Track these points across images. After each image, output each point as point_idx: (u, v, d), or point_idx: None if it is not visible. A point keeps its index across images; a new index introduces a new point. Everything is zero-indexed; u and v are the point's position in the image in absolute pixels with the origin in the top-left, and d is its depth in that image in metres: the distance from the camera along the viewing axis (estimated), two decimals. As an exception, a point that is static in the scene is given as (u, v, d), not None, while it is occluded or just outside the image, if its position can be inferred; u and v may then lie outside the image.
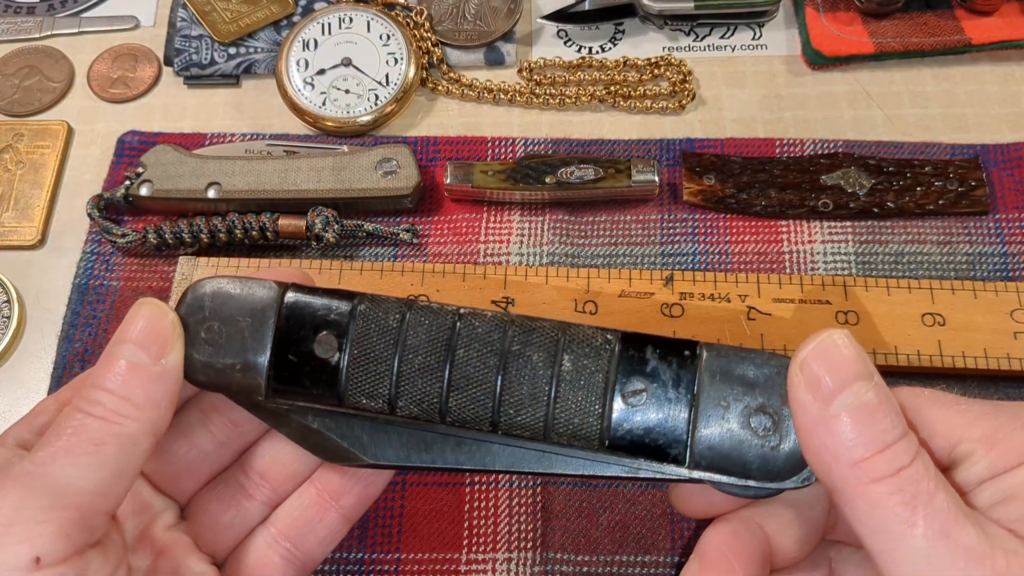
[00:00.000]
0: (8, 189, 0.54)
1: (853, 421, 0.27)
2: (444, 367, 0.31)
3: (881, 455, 0.26)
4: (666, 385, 0.30)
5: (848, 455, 0.26)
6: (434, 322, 0.31)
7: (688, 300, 0.47)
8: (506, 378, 0.30)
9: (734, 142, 0.53)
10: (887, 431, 0.27)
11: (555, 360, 0.30)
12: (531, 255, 0.50)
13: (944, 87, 0.55)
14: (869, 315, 0.46)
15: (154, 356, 0.30)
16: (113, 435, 0.29)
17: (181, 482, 0.35)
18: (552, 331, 0.31)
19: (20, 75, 0.58)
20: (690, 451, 0.29)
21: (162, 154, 0.51)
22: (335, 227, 0.50)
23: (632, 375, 0.30)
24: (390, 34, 0.56)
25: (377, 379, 0.31)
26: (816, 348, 0.28)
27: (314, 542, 0.35)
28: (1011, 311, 0.46)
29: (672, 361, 0.30)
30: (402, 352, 0.31)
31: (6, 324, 0.50)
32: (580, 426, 0.30)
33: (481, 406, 0.31)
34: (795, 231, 0.51)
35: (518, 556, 0.43)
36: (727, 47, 0.58)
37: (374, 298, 0.32)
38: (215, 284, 0.32)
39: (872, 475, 0.26)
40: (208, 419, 0.35)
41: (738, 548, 0.30)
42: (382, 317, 0.31)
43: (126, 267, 0.51)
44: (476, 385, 0.31)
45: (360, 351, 0.31)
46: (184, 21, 0.59)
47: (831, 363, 0.27)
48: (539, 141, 0.54)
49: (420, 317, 0.31)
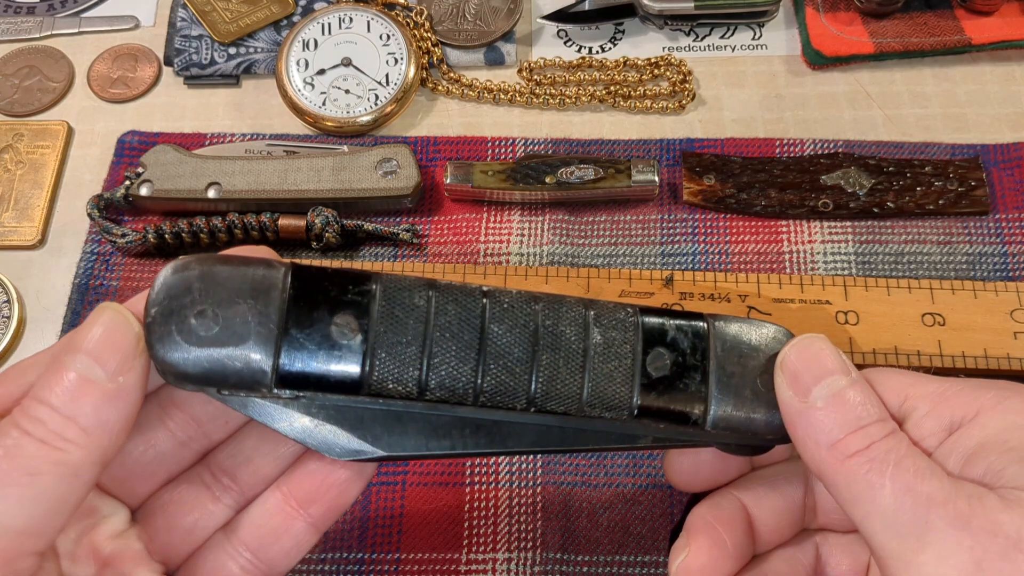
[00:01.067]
0: (8, 189, 0.54)
1: (829, 408, 0.29)
2: (477, 345, 0.30)
3: (854, 434, 0.28)
4: (685, 353, 0.31)
5: (826, 438, 0.29)
6: (462, 300, 0.30)
7: (688, 300, 0.47)
8: (541, 353, 0.30)
9: (734, 142, 0.53)
10: (861, 416, 0.29)
11: (586, 334, 0.31)
12: (531, 255, 0.50)
13: (944, 87, 0.55)
14: (869, 315, 0.46)
15: (111, 371, 0.26)
16: (52, 463, 0.25)
17: (134, 484, 0.31)
18: (578, 306, 0.32)
19: (20, 75, 0.58)
20: (706, 413, 0.31)
21: (162, 154, 0.51)
22: (335, 227, 0.50)
23: (655, 345, 0.31)
24: (390, 34, 0.56)
25: (407, 362, 0.29)
26: (794, 348, 0.31)
27: (278, 553, 0.32)
28: (1011, 311, 0.46)
29: (687, 331, 0.32)
30: (431, 330, 0.29)
31: (6, 324, 0.50)
32: (613, 396, 0.31)
33: (518, 381, 0.30)
34: (795, 231, 0.51)
35: (518, 556, 0.43)
36: (727, 47, 0.58)
37: (393, 277, 0.30)
38: (204, 263, 0.28)
39: (847, 452, 0.28)
40: (167, 415, 0.31)
41: (721, 516, 0.33)
42: (407, 296, 0.29)
43: (126, 267, 0.51)
44: (512, 361, 0.30)
45: (386, 332, 0.29)
46: (184, 21, 0.59)
47: (807, 360, 0.30)
48: (539, 141, 0.54)
49: (447, 295, 0.30)
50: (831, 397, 0.29)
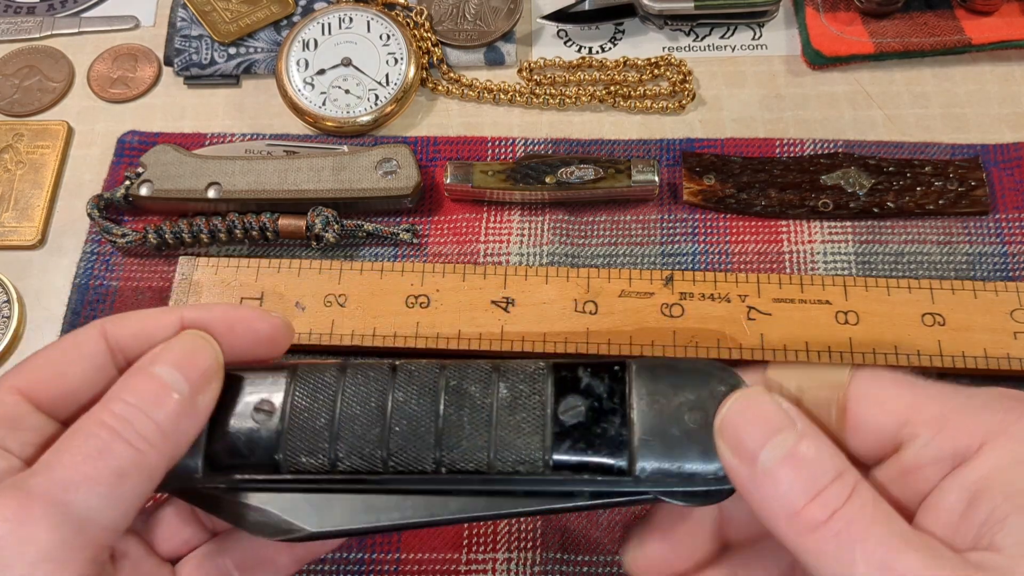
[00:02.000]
0: (8, 189, 0.54)
1: (781, 475, 0.26)
2: (383, 412, 0.30)
3: (814, 502, 0.26)
4: (600, 399, 0.30)
5: (783, 509, 0.26)
6: (370, 373, 0.31)
7: (688, 300, 0.47)
8: (446, 411, 0.30)
9: (734, 142, 0.53)
10: (818, 476, 0.26)
11: (491, 390, 0.30)
12: (531, 255, 0.50)
13: (944, 87, 0.55)
14: (869, 315, 0.46)
15: (193, 388, 0.29)
16: (137, 466, 0.27)
17: None
18: (485, 366, 0.31)
19: (20, 75, 0.58)
20: (632, 460, 0.29)
21: (162, 154, 0.51)
22: (335, 227, 0.50)
23: (567, 393, 0.30)
24: (390, 34, 0.56)
25: (316, 433, 0.30)
26: (729, 411, 0.28)
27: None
28: (1011, 311, 0.46)
29: (604, 376, 0.30)
30: (340, 404, 0.30)
31: (6, 324, 0.50)
32: (523, 447, 0.30)
33: (423, 442, 0.30)
34: (795, 231, 0.51)
35: (518, 556, 0.43)
36: (727, 47, 0.58)
37: (312, 364, 0.32)
38: None
39: (808, 525, 0.26)
40: None
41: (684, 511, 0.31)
42: (319, 376, 0.31)
43: (126, 267, 0.51)
44: (416, 422, 0.30)
45: (298, 408, 0.30)
46: (184, 21, 0.59)
47: (746, 422, 0.27)
48: (539, 141, 0.54)
49: (357, 371, 0.31)
50: (782, 461, 0.26)
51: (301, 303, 0.48)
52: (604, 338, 0.46)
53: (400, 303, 0.48)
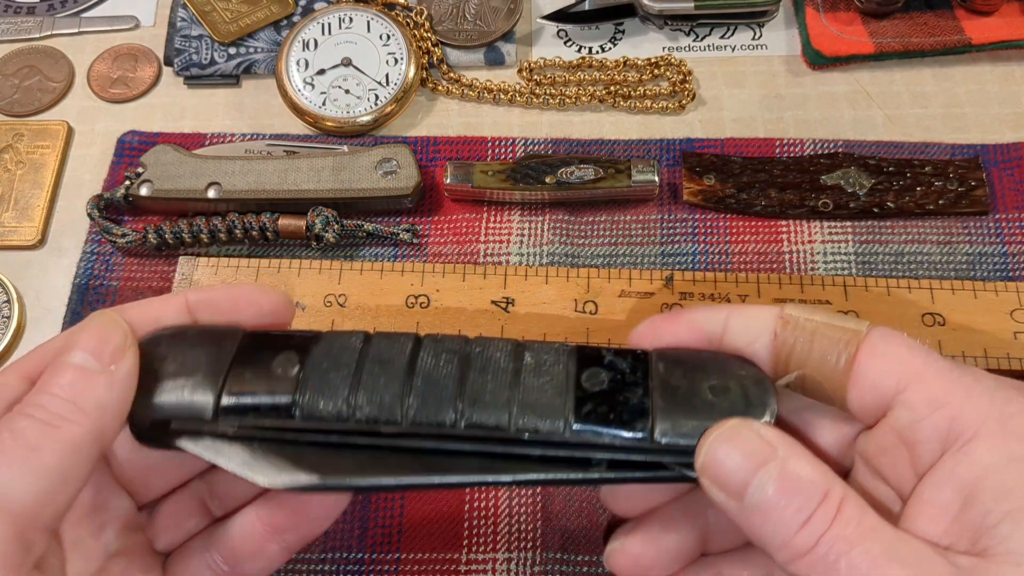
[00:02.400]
0: (8, 189, 0.54)
1: (770, 509, 0.27)
2: (407, 368, 0.31)
3: (801, 532, 0.27)
4: (623, 372, 0.31)
5: (774, 541, 0.27)
6: (397, 340, 0.32)
7: (688, 300, 0.47)
8: (471, 371, 0.31)
9: (734, 142, 0.53)
10: (803, 503, 0.27)
11: (517, 357, 0.31)
12: (531, 255, 0.50)
13: (944, 87, 0.55)
14: (869, 315, 0.46)
15: (104, 362, 0.29)
16: (51, 439, 0.27)
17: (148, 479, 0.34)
18: (511, 341, 0.32)
19: (20, 75, 0.58)
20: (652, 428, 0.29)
21: (162, 154, 0.51)
22: (335, 227, 0.50)
23: (590, 366, 0.31)
24: (390, 34, 0.56)
25: (337, 384, 0.30)
26: (710, 451, 0.28)
27: (252, 570, 0.34)
28: (1011, 311, 0.46)
29: (626, 355, 0.31)
30: (365, 359, 0.31)
31: (6, 324, 0.50)
32: (545, 408, 0.30)
33: (446, 394, 0.30)
34: (795, 231, 0.51)
35: (518, 556, 0.43)
36: (727, 47, 0.58)
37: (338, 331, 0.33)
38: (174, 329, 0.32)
39: (796, 553, 0.27)
40: None
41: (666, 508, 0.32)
42: (345, 339, 0.32)
43: (126, 267, 0.51)
44: (440, 379, 0.30)
45: (321, 358, 0.31)
46: (184, 21, 0.59)
47: (730, 460, 0.28)
48: (539, 141, 0.54)
49: (383, 336, 0.32)
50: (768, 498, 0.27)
51: (301, 303, 0.48)
52: (604, 338, 0.46)
53: (400, 303, 0.48)
